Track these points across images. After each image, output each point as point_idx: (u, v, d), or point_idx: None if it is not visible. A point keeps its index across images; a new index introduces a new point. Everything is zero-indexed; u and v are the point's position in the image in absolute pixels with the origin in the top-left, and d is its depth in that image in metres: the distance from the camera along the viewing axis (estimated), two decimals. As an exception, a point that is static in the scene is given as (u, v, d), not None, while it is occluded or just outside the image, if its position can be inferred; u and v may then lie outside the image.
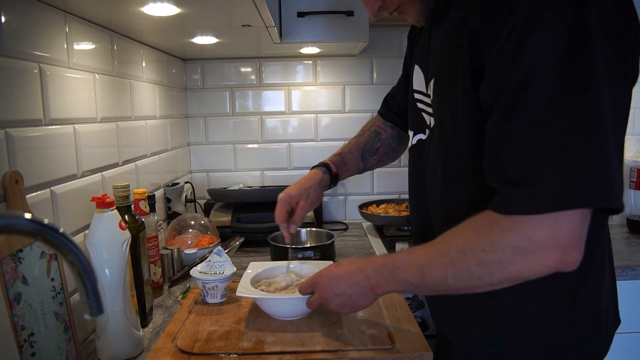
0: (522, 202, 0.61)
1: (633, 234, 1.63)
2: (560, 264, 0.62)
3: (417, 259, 0.72)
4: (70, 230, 1.00)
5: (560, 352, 0.78)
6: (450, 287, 0.69)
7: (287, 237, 1.07)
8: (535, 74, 0.60)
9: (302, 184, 1.07)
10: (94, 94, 1.11)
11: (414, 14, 0.81)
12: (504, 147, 0.64)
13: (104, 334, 0.88)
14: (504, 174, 0.64)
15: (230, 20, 1.20)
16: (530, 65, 0.60)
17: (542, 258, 0.62)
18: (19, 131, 0.84)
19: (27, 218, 0.46)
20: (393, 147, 1.20)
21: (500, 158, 0.64)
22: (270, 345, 0.86)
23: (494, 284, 0.67)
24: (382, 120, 1.20)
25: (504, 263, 0.63)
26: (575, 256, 0.62)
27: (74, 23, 1.03)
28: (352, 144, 1.19)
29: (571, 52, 0.59)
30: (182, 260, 1.37)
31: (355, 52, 1.87)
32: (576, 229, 0.61)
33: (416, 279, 0.72)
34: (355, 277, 0.80)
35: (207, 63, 1.94)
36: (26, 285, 0.76)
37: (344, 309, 0.83)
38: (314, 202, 1.08)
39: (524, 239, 0.62)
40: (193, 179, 1.99)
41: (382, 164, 1.22)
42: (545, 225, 0.60)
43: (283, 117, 1.98)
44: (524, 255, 0.62)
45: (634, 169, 1.68)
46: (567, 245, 0.61)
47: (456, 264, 0.67)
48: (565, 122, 0.59)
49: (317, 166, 1.13)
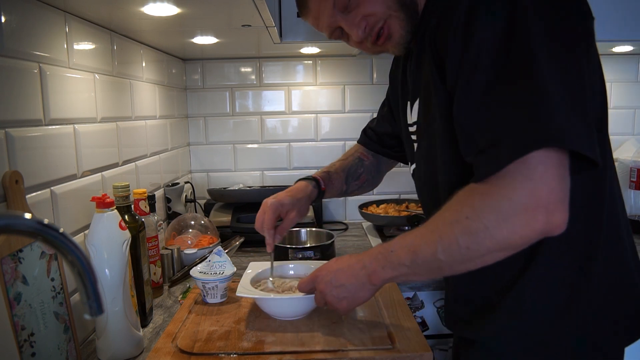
0: (489, 164, 0.64)
1: (633, 234, 1.62)
2: (546, 225, 0.62)
3: (409, 240, 0.73)
4: (70, 230, 1.00)
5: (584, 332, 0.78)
6: (442, 264, 0.69)
7: (270, 245, 1.02)
8: (482, 54, 0.65)
9: (293, 194, 1.06)
10: (94, 94, 1.11)
11: (398, 33, 0.83)
12: (468, 123, 0.68)
13: (104, 334, 0.88)
14: (475, 148, 0.66)
15: (230, 20, 1.20)
16: (477, 48, 0.66)
17: (527, 219, 0.62)
18: (19, 131, 0.84)
19: (27, 218, 0.46)
20: (374, 175, 1.24)
21: (468, 135, 0.68)
22: (270, 345, 0.86)
23: (484, 254, 0.66)
24: (365, 149, 1.23)
25: (489, 229, 0.64)
26: (560, 216, 0.62)
27: (74, 23, 1.03)
28: (338, 165, 1.20)
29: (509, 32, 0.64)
30: (182, 260, 1.37)
31: (355, 52, 1.87)
32: (555, 186, 0.61)
33: (409, 260, 0.72)
34: (353, 268, 0.81)
35: (207, 63, 1.94)
36: (26, 285, 0.76)
37: (343, 302, 0.82)
38: (303, 215, 1.08)
39: (504, 201, 0.63)
40: (193, 179, 1.99)
41: (362, 190, 1.24)
42: (522, 185, 0.61)
43: (283, 117, 1.98)
44: (507, 219, 0.63)
45: (634, 169, 1.68)
46: (549, 204, 0.61)
47: (443, 237, 0.68)
48: (512, 85, 0.64)
49: (305, 179, 1.12)
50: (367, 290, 0.80)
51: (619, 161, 1.78)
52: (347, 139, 1.99)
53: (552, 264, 0.77)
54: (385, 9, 0.82)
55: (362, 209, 1.78)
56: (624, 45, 1.78)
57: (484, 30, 0.66)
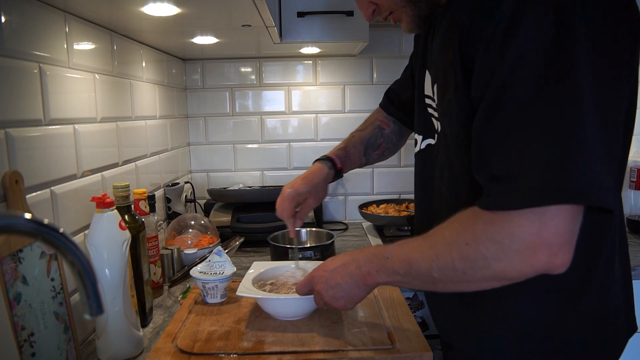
0: (501, 198, 0.61)
1: (633, 234, 1.63)
2: (547, 265, 0.60)
3: (406, 250, 0.72)
4: (70, 230, 0.99)
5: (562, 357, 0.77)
6: (436, 280, 0.68)
7: (292, 232, 1.07)
8: (520, 69, 0.60)
9: (309, 180, 1.06)
10: (94, 94, 1.11)
11: (406, 21, 0.82)
12: (489, 143, 0.63)
13: (104, 334, 0.88)
14: (489, 170, 0.63)
15: (230, 20, 1.20)
16: (515, 59, 0.60)
17: (528, 257, 0.60)
18: (19, 131, 0.84)
19: (27, 218, 0.46)
20: (394, 142, 1.21)
21: (485, 154, 0.64)
22: (270, 345, 0.86)
23: (480, 281, 0.65)
24: (385, 114, 1.20)
25: (487, 259, 0.62)
26: (563, 258, 0.59)
27: (74, 23, 1.03)
28: (356, 137, 1.18)
29: (555, 48, 0.59)
30: (182, 260, 1.37)
31: (355, 52, 1.87)
32: (564, 229, 0.58)
33: (403, 270, 0.72)
34: (348, 268, 0.80)
35: (207, 63, 1.94)
36: (26, 285, 0.76)
37: (339, 301, 0.82)
38: (321, 198, 1.09)
39: (507, 235, 0.60)
40: (193, 179, 1.99)
41: (382, 158, 1.22)
42: (530, 222, 0.58)
43: (283, 117, 1.98)
44: (508, 252, 0.60)
45: (634, 169, 1.68)
46: (554, 246, 0.59)
47: (440, 256, 0.67)
48: (545, 118, 0.59)
49: (320, 160, 1.11)
50: (362, 290, 0.80)
51: (619, 161, 1.78)
52: (347, 139, 1.99)
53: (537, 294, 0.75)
54: (390, 4, 0.81)
55: (362, 209, 1.78)
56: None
57: (527, 38, 0.59)
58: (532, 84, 0.59)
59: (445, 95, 0.77)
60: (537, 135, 0.59)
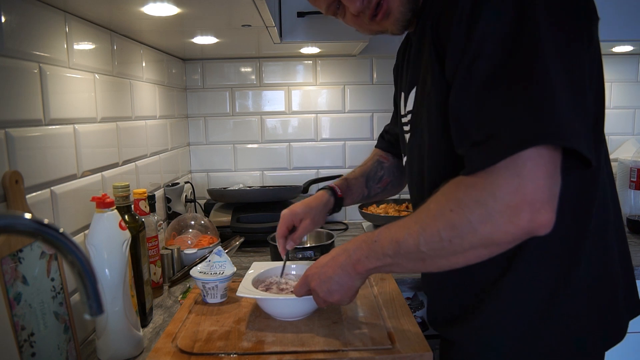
0: (481, 157, 0.62)
1: (633, 234, 1.63)
2: (531, 224, 0.60)
3: (393, 231, 0.72)
4: (70, 230, 1.00)
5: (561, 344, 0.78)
6: (425, 256, 0.68)
7: (281, 252, 1.08)
8: (486, 44, 0.64)
9: (307, 203, 1.08)
10: (94, 94, 1.11)
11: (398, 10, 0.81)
12: (464, 115, 0.66)
13: (104, 334, 0.88)
14: (469, 140, 0.65)
15: (230, 20, 1.20)
16: (481, 37, 0.64)
17: (511, 216, 0.60)
18: (19, 131, 0.84)
19: (27, 218, 0.46)
20: (397, 175, 1.22)
21: (464, 127, 0.66)
22: (270, 345, 0.86)
23: (468, 249, 0.65)
24: (383, 151, 1.23)
25: (472, 223, 0.62)
26: (546, 215, 0.60)
27: (74, 23, 1.03)
28: (357, 171, 1.21)
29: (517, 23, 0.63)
30: (182, 260, 1.37)
31: (355, 52, 1.87)
32: (543, 184, 0.59)
33: (392, 250, 0.71)
34: (339, 259, 0.81)
35: (207, 63, 1.94)
36: (26, 285, 0.76)
37: (335, 295, 0.82)
38: (318, 223, 1.09)
39: (489, 196, 0.61)
40: (193, 179, 1.99)
41: (387, 193, 1.24)
42: (508, 180, 0.60)
43: (283, 117, 1.98)
44: (492, 213, 0.61)
45: (634, 169, 1.68)
46: (536, 202, 0.59)
47: (427, 228, 0.67)
48: (514, 80, 0.62)
49: (322, 188, 1.14)
50: (355, 279, 0.80)
51: (619, 161, 1.78)
52: (347, 139, 2.00)
53: (532, 268, 0.76)
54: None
55: (362, 209, 1.78)
56: (624, 45, 1.78)
57: (490, 19, 0.64)
58: (499, 52, 0.63)
59: (425, 88, 0.79)
60: (508, 96, 0.62)
